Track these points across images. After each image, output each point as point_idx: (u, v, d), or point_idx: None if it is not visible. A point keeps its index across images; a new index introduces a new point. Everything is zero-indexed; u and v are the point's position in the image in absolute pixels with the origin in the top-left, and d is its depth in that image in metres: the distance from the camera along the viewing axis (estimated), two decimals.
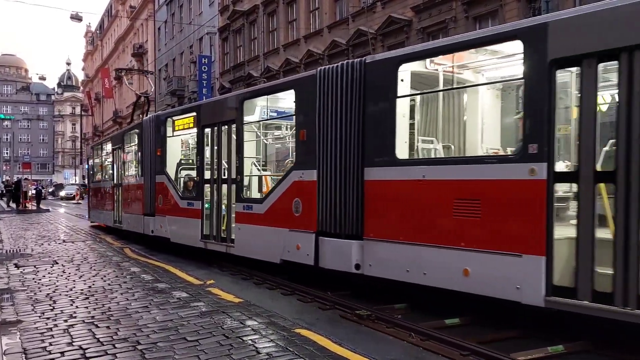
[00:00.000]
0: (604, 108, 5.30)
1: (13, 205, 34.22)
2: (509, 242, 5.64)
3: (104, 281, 7.94)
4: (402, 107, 7.06)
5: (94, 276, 8.36)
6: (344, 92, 7.55)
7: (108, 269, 9.12)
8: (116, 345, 4.84)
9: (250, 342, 4.86)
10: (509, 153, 6.68)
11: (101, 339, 5.00)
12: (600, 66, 5.14)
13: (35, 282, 7.92)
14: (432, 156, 7.38)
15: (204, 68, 31.77)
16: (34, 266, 9.37)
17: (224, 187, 10.17)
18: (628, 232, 4.88)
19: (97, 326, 5.46)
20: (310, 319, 6.46)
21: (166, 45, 44.53)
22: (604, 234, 5.10)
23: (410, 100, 7.42)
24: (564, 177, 5.52)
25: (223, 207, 10.21)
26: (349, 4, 22.32)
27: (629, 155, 4.88)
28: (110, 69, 62.58)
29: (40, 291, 7.24)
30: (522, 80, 5.73)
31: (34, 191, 35.70)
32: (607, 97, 5.35)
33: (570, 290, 5.17)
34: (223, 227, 10.20)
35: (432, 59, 7.28)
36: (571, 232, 5.29)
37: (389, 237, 6.95)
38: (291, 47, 26.53)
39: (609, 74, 5.36)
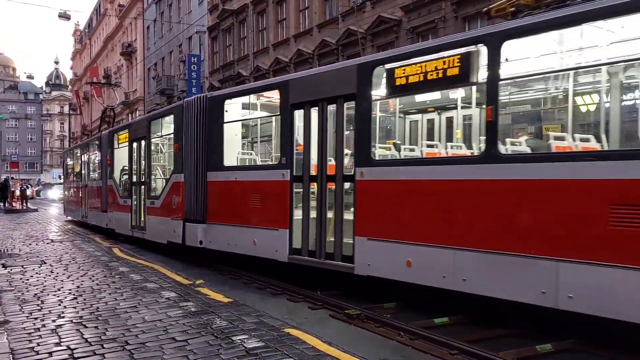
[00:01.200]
0: (315, 136, 7.97)
1: (0, 204, 33.92)
2: (273, 221, 8.48)
3: (93, 281, 7.91)
4: (228, 129, 9.88)
5: (82, 276, 8.33)
6: (197, 118, 10.33)
7: (96, 268, 9.08)
8: (105, 345, 4.82)
9: (239, 341, 4.86)
10: (275, 163, 9.08)
11: (89, 339, 4.99)
12: (312, 109, 8.00)
13: (22, 282, 7.88)
14: (247, 164, 10.16)
15: (193, 67, 31.63)
16: (22, 266, 9.32)
17: (142, 187, 13.03)
18: (321, 212, 7.73)
19: (85, 326, 5.44)
20: (300, 318, 6.47)
21: (155, 44, 44.27)
22: (314, 214, 7.88)
23: (242, 123, 10.45)
24: (298, 178, 8.18)
25: (142, 203, 13.03)
26: (339, 3, 22.31)
27: (322, 163, 7.76)
28: (99, 68, 62.21)
29: (28, 291, 7.21)
30: (280, 115, 8.57)
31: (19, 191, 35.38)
32: (316, 129, 7.94)
33: (300, 251, 8.06)
34: (142, 219, 12.99)
35: (254, 94, 10.04)
36: (301, 213, 8.10)
37: (218, 220, 9.91)
38: (281, 47, 26.50)
39: (316, 114, 7.95)
